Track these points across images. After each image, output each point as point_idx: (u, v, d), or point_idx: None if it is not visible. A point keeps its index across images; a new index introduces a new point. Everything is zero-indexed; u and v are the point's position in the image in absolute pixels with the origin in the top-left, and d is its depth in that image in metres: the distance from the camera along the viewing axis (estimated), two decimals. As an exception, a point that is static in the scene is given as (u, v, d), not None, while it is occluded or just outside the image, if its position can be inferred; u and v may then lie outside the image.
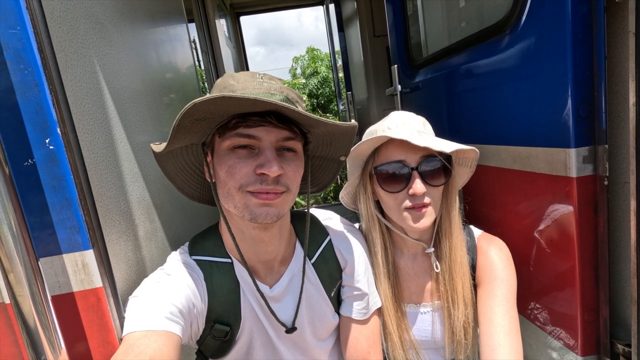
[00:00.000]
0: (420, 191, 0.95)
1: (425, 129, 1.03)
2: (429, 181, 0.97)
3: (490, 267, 1.02)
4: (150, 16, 1.37)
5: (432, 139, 0.97)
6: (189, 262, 0.88)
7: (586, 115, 0.92)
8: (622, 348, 0.95)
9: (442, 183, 0.99)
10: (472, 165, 1.07)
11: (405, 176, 0.97)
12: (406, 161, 0.97)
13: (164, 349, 0.68)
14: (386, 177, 1.00)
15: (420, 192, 0.95)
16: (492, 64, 1.20)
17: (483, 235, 1.10)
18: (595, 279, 0.98)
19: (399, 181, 0.98)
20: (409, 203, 0.98)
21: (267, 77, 0.83)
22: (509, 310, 0.96)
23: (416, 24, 1.90)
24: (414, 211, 0.98)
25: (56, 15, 0.73)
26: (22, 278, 0.58)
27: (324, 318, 1.00)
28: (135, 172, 1.01)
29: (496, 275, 1.00)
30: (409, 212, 0.98)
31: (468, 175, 1.10)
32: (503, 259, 1.02)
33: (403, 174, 0.97)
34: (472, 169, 1.08)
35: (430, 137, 0.99)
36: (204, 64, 3.35)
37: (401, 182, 0.98)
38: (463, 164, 1.08)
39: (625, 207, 0.93)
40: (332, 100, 9.18)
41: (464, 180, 1.13)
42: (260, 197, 0.77)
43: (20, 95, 0.62)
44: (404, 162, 0.97)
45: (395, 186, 0.99)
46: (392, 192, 1.00)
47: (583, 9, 0.88)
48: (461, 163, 1.07)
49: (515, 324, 0.94)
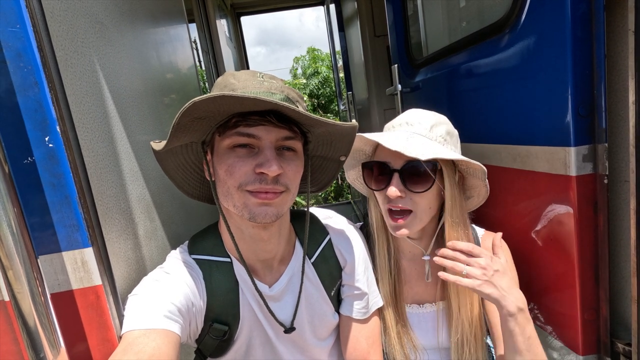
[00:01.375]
0: (393, 194, 0.94)
1: (430, 131, 0.98)
2: (410, 186, 0.95)
3: None
4: (150, 16, 1.37)
5: (414, 144, 0.92)
6: (189, 261, 0.88)
7: (586, 113, 0.92)
8: (623, 347, 0.95)
9: (424, 190, 0.95)
10: (482, 178, 0.98)
11: (387, 177, 0.97)
12: (390, 163, 0.97)
13: (162, 348, 0.68)
14: (371, 174, 1.02)
15: (393, 195, 0.94)
16: (492, 63, 1.20)
17: (486, 235, 1.09)
18: (595, 277, 0.98)
19: (381, 181, 0.99)
20: (387, 203, 0.98)
21: (268, 76, 0.83)
22: None
23: (416, 24, 1.91)
24: (392, 220, 0.98)
25: (56, 14, 0.74)
26: (22, 275, 0.58)
27: (323, 317, 1.00)
28: (135, 170, 1.01)
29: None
30: (389, 217, 0.99)
31: (484, 190, 1.01)
32: (508, 260, 1.02)
33: (385, 174, 0.98)
34: (485, 182, 0.98)
35: (418, 141, 0.94)
36: (205, 64, 3.36)
37: (383, 182, 0.99)
38: (474, 175, 1.00)
39: (625, 206, 0.93)
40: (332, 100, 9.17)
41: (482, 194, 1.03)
42: (259, 197, 0.77)
43: (20, 94, 0.62)
44: (388, 164, 0.97)
45: (377, 184, 1.01)
46: (375, 189, 1.02)
47: (582, 7, 0.88)
48: (472, 174, 1.01)
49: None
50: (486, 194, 1.03)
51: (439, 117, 1.02)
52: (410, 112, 1.05)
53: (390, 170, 0.97)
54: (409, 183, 0.95)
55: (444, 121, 1.02)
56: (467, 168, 1.00)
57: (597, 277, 0.97)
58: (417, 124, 0.99)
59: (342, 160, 0.99)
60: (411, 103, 1.88)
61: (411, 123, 1.00)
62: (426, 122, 0.99)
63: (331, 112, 9.22)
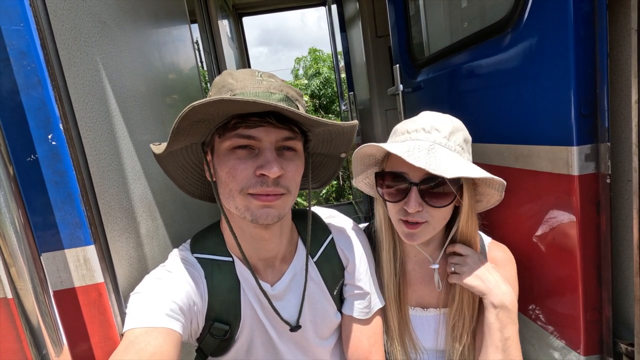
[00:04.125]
0: (413, 210, 0.89)
1: (449, 140, 0.91)
2: (429, 200, 0.90)
3: None
4: (153, 16, 1.38)
5: (438, 157, 0.85)
6: (190, 259, 0.88)
7: (588, 113, 0.91)
8: (625, 347, 0.94)
9: (444, 205, 0.91)
10: (499, 189, 0.94)
11: (404, 189, 0.92)
12: (408, 175, 0.91)
13: (164, 346, 0.68)
14: (386, 185, 0.96)
15: (413, 210, 0.89)
16: (494, 62, 1.20)
17: (492, 245, 1.08)
18: (598, 277, 0.97)
19: (398, 193, 0.94)
20: (403, 216, 0.94)
21: (267, 75, 0.83)
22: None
23: (418, 24, 1.90)
24: (406, 227, 0.94)
25: (59, 13, 0.74)
26: (25, 273, 0.58)
27: (326, 316, 1.00)
28: (137, 169, 1.02)
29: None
30: (402, 225, 0.95)
31: (497, 198, 0.98)
32: (511, 272, 1.03)
33: (402, 186, 0.92)
34: (501, 194, 0.95)
35: (441, 153, 0.87)
36: (207, 64, 3.36)
37: (399, 194, 0.93)
38: (490, 185, 0.96)
39: (628, 206, 0.93)
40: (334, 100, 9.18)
41: (493, 201, 1.01)
42: (261, 199, 0.78)
43: (24, 92, 0.62)
44: (406, 175, 0.91)
45: (393, 196, 0.95)
46: (390, 201, 0.96)
47: (585, 6, 0.88)
48: (488, 184, 0.96)
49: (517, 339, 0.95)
50: (497, 202, 1.00)
51: (455, 122, 0.96)
52: (426, 116, 0.97)
53: (408, 182, 0.91)
54: (427, 197, 0.90)
55: (460, 127, 0.96)
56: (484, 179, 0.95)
57: (600, 277, 0.97)
58: (435, 131, 0.91)
59: (343, 157, 0.99)
60: (413, 103, 1.88)
61: (428, 130, 0.92)
62: (444, 129, 0.92)
63: (332, 112, 9.23)
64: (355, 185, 1.14)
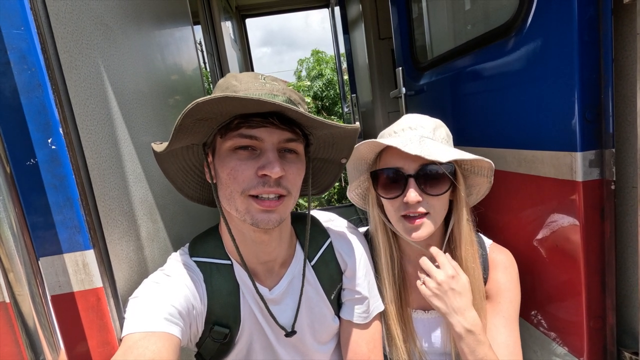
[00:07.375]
0: (413, 200, 0.92)
1: (434, 134, 0.98)
2: (427, 190, 0.94)
3: (500, 284, 1.02)
4: (155, 18, 1.38)
5: (429, 147, 0.92)
6: (189, 263, 0.88)
7: (593, 118, 0.90)
8: (630, 356, 0.93)
9: (442, 192, 0.95)
10: (488, 175, 1.00)
11: (402, 183, 0.95)
12: (403, 168, 0.95)
13: (163, 351, 0.68)
14: (383, 182, 0.99)
15: (414, 200, 0.92)
16: (497, 66, 1.19)
17: (493, 247, 1.08)
18: (602, 285, 0.96)
19: (395, 188, 0.96)
20: (403, 210, 0.96)
21: (270, 78, 0.83)
22: (513, 330, 0.99)
23: (421, 27, 1.90)
24: (409, 222, 0.96)
25: (61, 16, 0.74)
26: (22, 277, 0.58)
27: (323, 321, 0.99)
28: (138, 172, 1.01)
29: (505, 293, 1.01)
30: (405, 221, 0.97)
31: (486, 186, 1.03)
32: (513, 275, 1.03)
33: (399, 181, 0.95)
34: (490, 179, 1.00)
35: (431, 144, 0.94)
36: (210, 65, 3.37)
37: (397, 189, 0.96)
38: (479, 173, 1.01)
39: (632, 212, 0.92)
40: (336, 102, 9.18)
41: (482, 191, 1.06)
42: (262, 205, 0.77)
43: (24, 95, 0.62)
44: (401, 169, 0.95)
45: (391, 192, 0.97)
46: (388, 198, 0.99)
47: (590, 10, 0.87)
48: (477, 172, 1.02)
49: (518, 343, 0.98)
50: (486, 191, 1.04)
51: (436, 120, 1.03)
52: (408, 117, 1.03)
53: (404, 176, 0.94)
54: (425, 187, 0.94)
55: (441, 124, 1.03)
56: (473, 167, 1.01)
57: (604, 284, 0.96)
58: (421, 128, 0.98)
59: (343, 163, 0.98)
60: (415, 106, 1.87)
61: (414, 127, 0.99)
62: (428, 126, 0.99)
63: (335, 114, 9.22)
64: (348, 196, 1.18)
